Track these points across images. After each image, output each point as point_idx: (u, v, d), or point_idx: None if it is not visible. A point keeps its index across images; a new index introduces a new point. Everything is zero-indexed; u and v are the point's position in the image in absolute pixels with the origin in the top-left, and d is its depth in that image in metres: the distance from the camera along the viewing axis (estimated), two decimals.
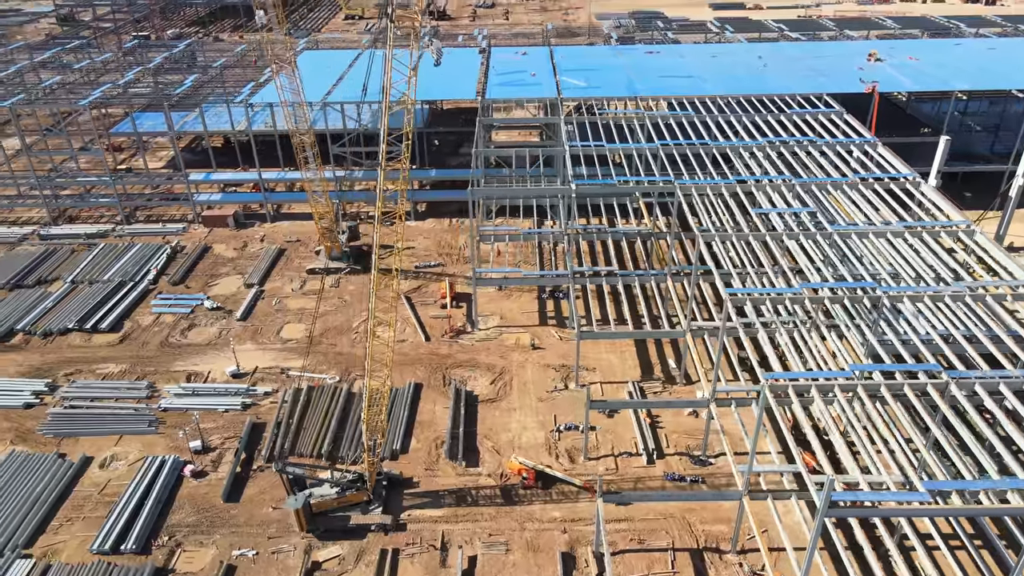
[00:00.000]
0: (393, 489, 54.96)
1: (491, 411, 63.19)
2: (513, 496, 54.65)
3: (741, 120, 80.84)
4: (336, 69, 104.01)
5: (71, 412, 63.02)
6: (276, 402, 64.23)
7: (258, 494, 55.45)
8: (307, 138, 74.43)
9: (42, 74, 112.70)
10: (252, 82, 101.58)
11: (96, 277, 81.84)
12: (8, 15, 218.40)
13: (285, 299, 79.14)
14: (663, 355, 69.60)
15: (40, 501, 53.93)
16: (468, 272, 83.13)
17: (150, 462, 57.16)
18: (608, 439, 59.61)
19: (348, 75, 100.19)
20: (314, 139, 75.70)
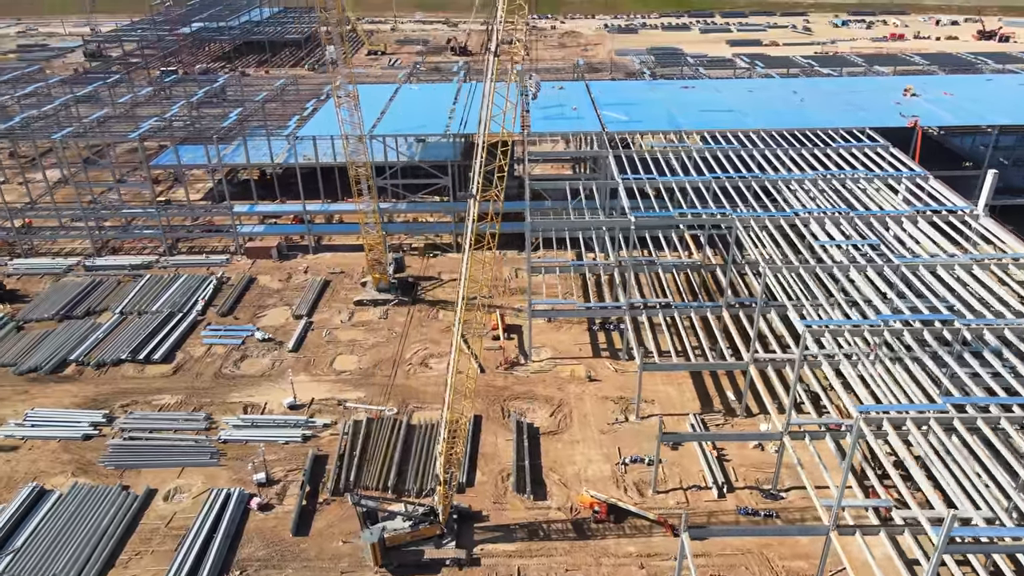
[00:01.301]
0: (464, 523, 54.33)
1: (554, 443, 62.74)
2: (586, 530, 53.99)
3: (787, 153, 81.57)
4: (375, 102, 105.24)
5: (131, 444, 62.65)
6: (336, 434, 63.87)
7: (327, 527, 54.83)
8: (363, 170, 74.99)
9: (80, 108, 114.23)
10: (296, 116, 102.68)
11: (145, 308, 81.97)
12: (34, 50, 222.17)
13: (335, 330, 79.11)
14: (720, 387, 69.30)
15: (108, 535, 53.33)
16: (516, 303, 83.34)
17: (215, 495, 56.64)
18: (675, 472, 59.08)
19: (390, 108, 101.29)
20: (370, 171, 76.21)
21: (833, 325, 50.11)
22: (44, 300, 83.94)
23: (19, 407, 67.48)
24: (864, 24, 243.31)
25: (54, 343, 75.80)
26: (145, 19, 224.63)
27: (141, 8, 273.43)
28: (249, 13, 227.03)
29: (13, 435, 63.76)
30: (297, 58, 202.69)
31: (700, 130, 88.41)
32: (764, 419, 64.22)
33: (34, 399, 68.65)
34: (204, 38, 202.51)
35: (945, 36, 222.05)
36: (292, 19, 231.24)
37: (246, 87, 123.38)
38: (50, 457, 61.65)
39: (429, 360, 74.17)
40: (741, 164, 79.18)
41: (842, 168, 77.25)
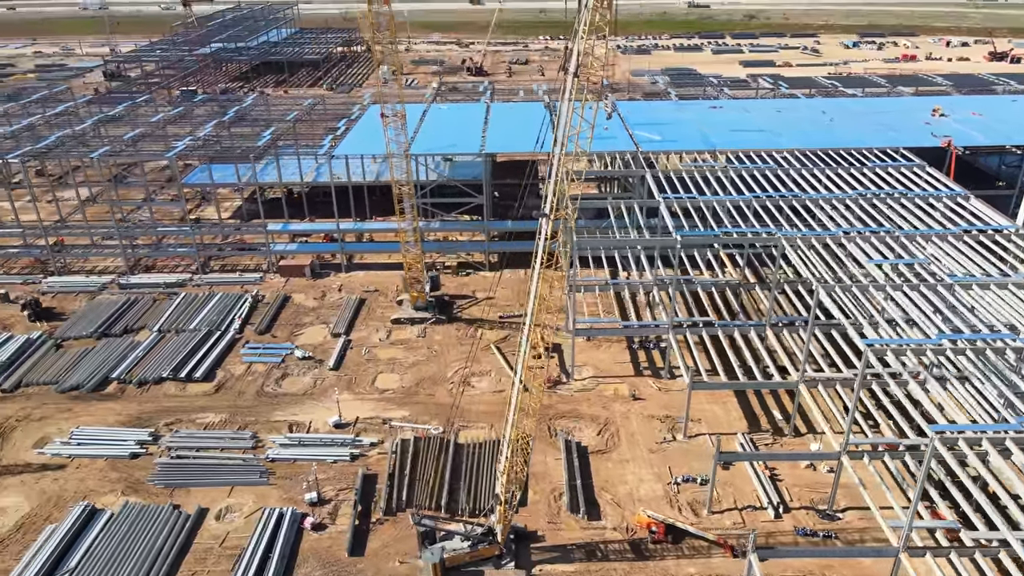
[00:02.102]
0: (520, 543, 53.93)
1: (603, 463, 62.42)
2: (644, 551, 53.55)
3: (823, 172, 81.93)
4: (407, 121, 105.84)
5: (178, 462, 62.38)
6: (384, 453, 63.57)
7: (382, 547, 54.40)
8: (406, 188, 75.28)
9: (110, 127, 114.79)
10: (329, 135, 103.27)
11: (182, 326, 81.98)
12: (52, 70, 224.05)
13: (374, 349, 79.01)
14: (765, 406, 69.07)
15: (163, 554, 52.94)
16: (557, 322, 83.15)
17: (267, 514, 56.28)
18: (728, 492, 58.70)
19: (421, 127, 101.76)
20: (412, 189, 76.46)
21: (895, 344, 49.99)
22: (81, 318, 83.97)
23: (63, 425, 67.29)
24: (875, 45, 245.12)
25: (94, 361, 75.72)
26: (164, 39, 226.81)
27: (155, 30, 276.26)
28: (267, 34, 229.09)
29: (60, 453, 63.52)
30: (314, 78, 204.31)
31: (735, 150, 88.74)
32: (814, 438, 63.91)
33: (78, 417, 68.45)
34: (223, 58, 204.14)
35: (956, 57, 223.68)
36: (309, 40, 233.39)
37: (272, 107, 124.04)
38: (98, 476, 61.35)
39: (471, 379, 74.04)
40: (779, 183, 79.51)
41: (881, 188, 77.49)
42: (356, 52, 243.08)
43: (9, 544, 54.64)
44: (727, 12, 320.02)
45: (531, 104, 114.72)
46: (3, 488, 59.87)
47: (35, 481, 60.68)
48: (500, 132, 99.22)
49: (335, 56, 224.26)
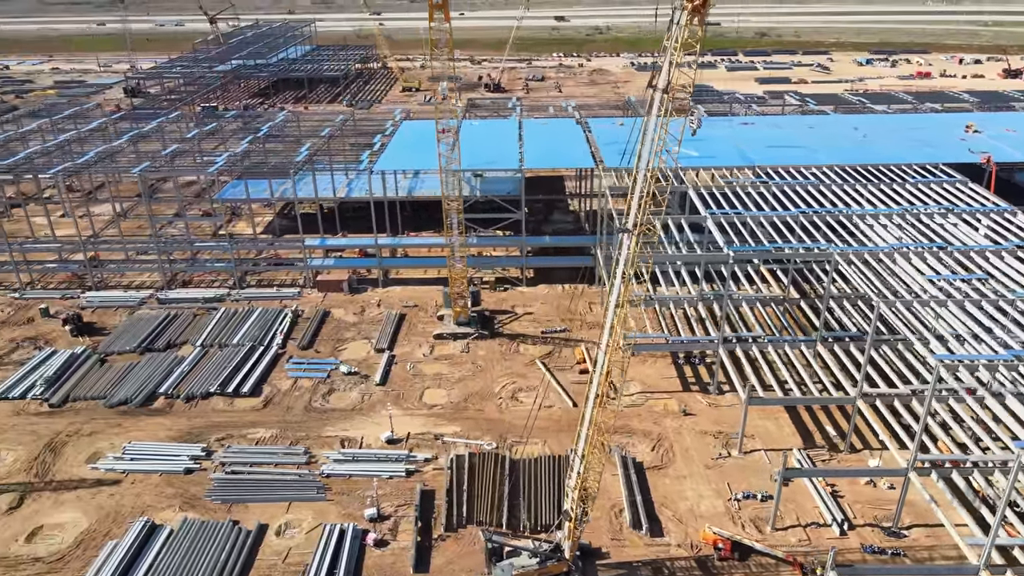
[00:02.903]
0: (585, 559, 53.54)
1: (660, 478, 62.09)
2: (711, 568, 53.12)
3: (867, 188, 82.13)
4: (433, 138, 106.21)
5: (234, 478, 62.08)
6: (439, 468, 63.25)
7: (446, 564, 54.00)
8: (456, 204, 75.43)
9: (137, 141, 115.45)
10: (367, 150, 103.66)
11: (225, 341, 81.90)
12: (72, 87, 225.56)
13: (418, 364, 78.84)
14: (818, 421, 68.77)
15: (227, 571, 52.56)
16: (597, 337, 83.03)
17: (329, 530, 55.92)
18: (790, 508, 58.27)
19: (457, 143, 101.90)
20: (461, 205, 76.55)
21: (968, 360, 49.84)
22: (123, 333, 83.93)
23: (115, 440, 67.05)
24: (888, 63, 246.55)
25: (140, 376, 75.59)
26: (183, 56, 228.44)
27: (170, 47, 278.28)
28: (286, 51, 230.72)
29: (114, 468, 63.25)
30: (333, 94, 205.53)
31: (774, 165, 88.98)
32: (871, 455, 63.60)
33: (128, 432, 68.24)
34: (242, 75, 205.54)
35: (971, 75, 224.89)
36: (326, 57, 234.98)
37: (303, 123, 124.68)
38: (154, 491, 61.04)
39: (518, 394, 73.80)
40: (822, 199, 79.65)
41: (926, 203, 77.62)
42: (372, 69, 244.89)
43: (70, 560, 54.29)
44: (737, 30, 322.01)
45: (563, 120, 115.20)
46: (60, 504, 59.57)
47: (91, 497, 60.38)
48: (536, 148, 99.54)
49: (352, 73, 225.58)
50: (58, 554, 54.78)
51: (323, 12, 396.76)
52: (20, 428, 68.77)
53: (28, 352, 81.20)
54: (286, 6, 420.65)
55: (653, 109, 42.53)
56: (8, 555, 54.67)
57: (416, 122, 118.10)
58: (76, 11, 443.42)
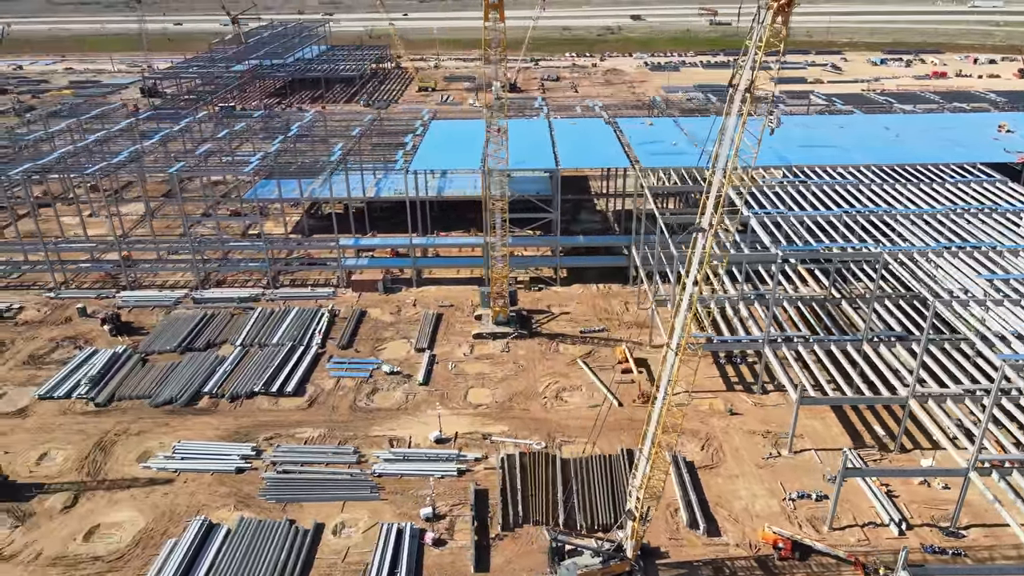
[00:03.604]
0: (646, 559, 53.51)
1: (713, 478, 62.07)
2: (772, 568, 53.09)
3: (906, 187, 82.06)
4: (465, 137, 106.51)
5: (287, 477, 62.12)
6: (491, 468, 63.23)
7: (506, 564, 54.00)
8: (501, 203, 75.40)
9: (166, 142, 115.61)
10: (401, 150, 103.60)
11: (264, 341, 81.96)
12: (87, 87, 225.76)
13: (460, 363, 78.84)
14: (865, 421, 68.73)
15: (288, 570, 52.60)
16: (636, 337, 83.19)
17: (386, 529, 55.93)
18: (845, 508, 58.18)
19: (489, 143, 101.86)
20: (507, 205, 76.43)
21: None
22: (162, 332, 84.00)
23: (163, 439, 67.10)
24: (903, 63, 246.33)
25: (183, 375, 75.63)
26: (199, 56, 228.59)
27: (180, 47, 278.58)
28: (302, 51, 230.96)
29: (166, 468, 63.30)
30: (349, 94, 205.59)
31: (811, 165, 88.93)
32: (922, 454, 63.57)
33: (176, 431, 68.28)
34: (259, 75, 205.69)
35: (986, 75, 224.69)
36: (341, 57, 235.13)
37: (330, 122, 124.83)
38: (207, 490, 61.09)
39: (562, 393, 73.80)
40: (863, 198, 79.58)
41: (968, 203, 77.54)
42: (387, 69, 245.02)
43: (130, 560, 54.34)
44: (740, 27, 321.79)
45: (592, 120, 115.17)
46: (115, 503, 59.63)
47: (145, 495, 60.43)
48: (569, 148, 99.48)
49: (366, 73, 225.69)
50: (117, 553, 54.84)
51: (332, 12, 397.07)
52: (68, 427, 68.86)
53: (68, 352, 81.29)
54: (295, 6, 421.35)
55: (733, 109, 42.45)
56: (67, 554, 54.75)
57: (445, 122, 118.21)
58: (85, 11, 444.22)
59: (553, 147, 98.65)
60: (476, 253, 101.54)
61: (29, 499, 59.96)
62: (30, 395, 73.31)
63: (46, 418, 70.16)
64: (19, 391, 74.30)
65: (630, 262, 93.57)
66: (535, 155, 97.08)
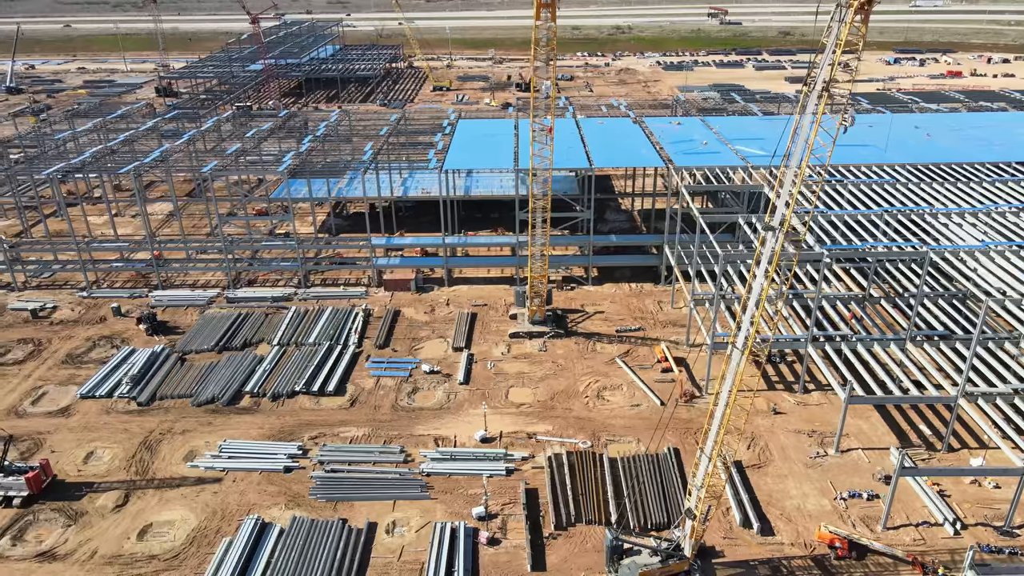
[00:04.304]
0: (702, 558, 53.42)
1: (762, 477, 61.99)
2: (829, 568, 53.00)
3: (944, 186, 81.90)
4: (494, 136, 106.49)
5: (336, 476, 62.10)
6: (538, 467, 63.15)
7: (562, 562, 53.96)
8: (542, 203, 75.32)
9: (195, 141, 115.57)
10: (432, 149, 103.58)
11: (301, 340, 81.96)
12: (102, 86, 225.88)
13: (498, 363, 78.80)
14: (910, 420, 68.63)
15: (345, 568, 52.59)
16: (672, 336, 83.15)
17: (441, 529, 55.91)
18: (897, 507, 58.06)
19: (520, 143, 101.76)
20: (548, 204, 76.24)
21: None
22: (198, 332, 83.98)
23: (209, 438, 67.10)
24: (916, 62, 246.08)
25: (223, 375, 75.62)
26: (213, 55, 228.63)
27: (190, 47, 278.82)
28: (317, 51, 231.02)
29: (213, 466, 63.30)
30: (364, 94, 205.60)
31: (847, 164, 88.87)
32: (971, 453, 63.47)
33: (220, 430, 68.28)
34: (275, 74, 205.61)
35: (1001, 74, 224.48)
36: (355, 56, 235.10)
37: (355, 122, 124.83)
38: (256, 489, 61.08)
39: (603, 392, 73.76)
40: (903, 197, 79.47)
41: (1009, 202, 77.38)
42: (399, 68, 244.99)
43: (186, 558, 54.35)
44: (760, 29, 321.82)
45: (620, 120, 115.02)
46: (165, 501, 59.65)
47: (195, 494, 60.43)
48: (600, 148, 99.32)
49: (380, 72, 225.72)
50: (172, 552, 54.85)
51: (339, 11, 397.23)
52: (112, 426, 68.88)
53: (106, 351, 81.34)
54: (303, 6, 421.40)
55: (808, 108, 42.39)
56: (123, 553, 54.75)
57: (472, 121, 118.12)
58: (92, 10, 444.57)
59: (584, 147, 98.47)
60: (504, 252, 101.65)
61: (79, 498, 60.05)
62: (72, 394, 73.38)
63: (90, 417, 70.21)
64: (60, 390, 74.37)
65: (662, 261, 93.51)
66: (567, 155, 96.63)
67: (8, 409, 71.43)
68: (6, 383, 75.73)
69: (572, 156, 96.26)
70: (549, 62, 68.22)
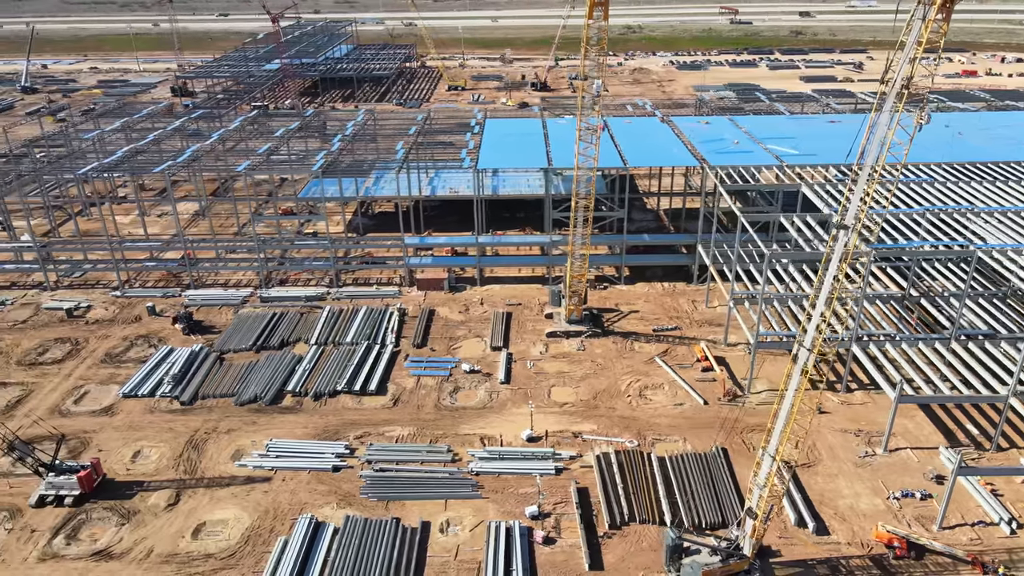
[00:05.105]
0: (761, 558, 53.30)
1: (812, 476, 61.86)
2: (889, 568, 52.86)
3: (983, 185, 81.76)
4: (523, 135, 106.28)
5: (385, 475, 62.03)
6: (587, 466, 63.09)
7: (620, 561, 53.88)
8: (585, 202, 75.22)
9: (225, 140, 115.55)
10: (464, 148, 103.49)
11: (339, 340, 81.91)
12: (116, 86, 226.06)
13: (537, 362, 78.71)
14: (956, 419, 68.49)
15: (403, 568, 52.55)
16: (708, 335, 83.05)
17: (495, 528, 55.82)
18: (951, 507, 57.81)
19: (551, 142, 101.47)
20: (592, 204, 76.09)
21: None
22: (235, 331, 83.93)
23: (254, 437, 67.06)
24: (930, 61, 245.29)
25: (264, 374, 75.56)
26: (227, 55, 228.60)
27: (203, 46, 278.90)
28: (332, 50, 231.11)
29: (261, 466, 63.27)
30: (379, 93, 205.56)
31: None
32: (1020, 452, 63.31)
33: (265, 430, 68.23)
34: (292, 74, 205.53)
35: (1016, 73, 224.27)
36: (370, 56, 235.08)
37: (380, 121, 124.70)
38: (306, 488, 61.03)
39: (645, 391, 73.66)
40: (943, 196, 79.33)
41: None
42: (412, 68, 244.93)
43: (242, 557, 54.31)
44: (771, 28, 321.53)
45: (648, 119, 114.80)
46: (217, 500, 59.60)
47: (246, 493, 60.39)
48: (632, 147, 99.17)
49: (394, 72, 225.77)
50: (229, 551, 54.81)
51: (346, 11, 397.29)
52: (157, 426, 68.85)
53: (143, 350, 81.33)
54: (311, 5, 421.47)
55: (887, 106, 42.29)
56: (179, 552, 54.71)
57: (500, 120, 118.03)
58: (100, 10, 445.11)
59: (616, 146, 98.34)
60: (533, 252, 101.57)
61: (130, 497, 60.02)
62: (114, 393, 73.36)
63: (134, 416, 70.19)
64: (102, 389, 74.35)
65: (695, 260, 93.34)
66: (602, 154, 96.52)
67: (52, 408, 71.45)
68: (47, 382, 75.77)
69: (606, 155, 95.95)
70: (599, 60, 67.69)
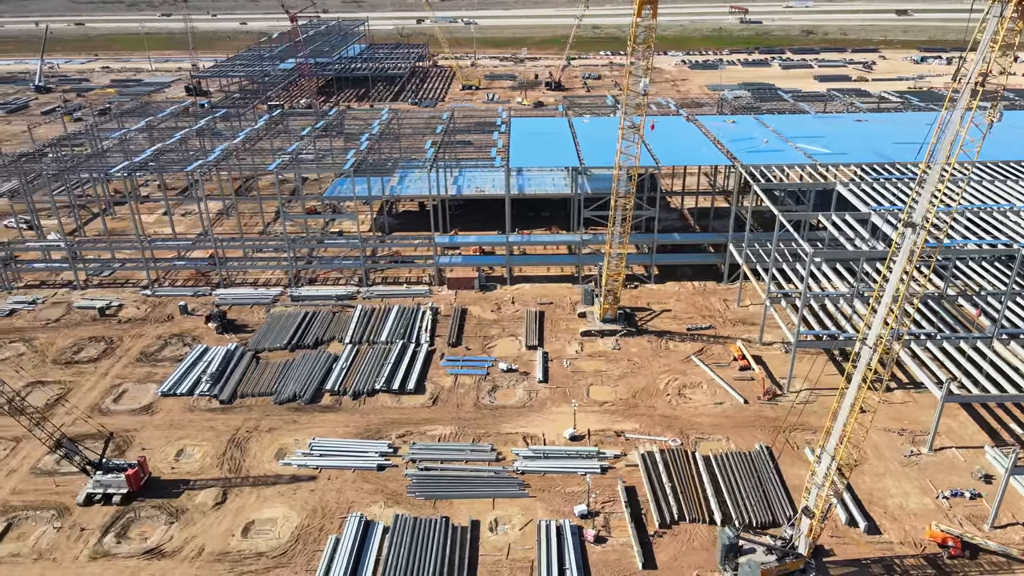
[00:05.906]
0: (815, 557, 53.13)
1: (859, 476, 61.63)
2: (943, 567, 52.68)
3: (1019, 183, 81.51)
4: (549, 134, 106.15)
5: (430, 474, 61.91)
6: (631, 465, 62.95)
7: (672, 560, 53.74)
8: (626, 201, 75.08)
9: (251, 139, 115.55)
10: (493, 147, 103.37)
11: (374, 339, 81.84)
12: (130, 85, 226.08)
13: (574, 361, 78.57)
14: (998, 418, 68.29)
15: (456, 566, 52.45)
16: (743, 334, 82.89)
17: (545, 527, 55.69)
18: (1002, 506, 57.77)
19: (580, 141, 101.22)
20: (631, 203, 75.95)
21: None
22: (269, 330, 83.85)
23: (296, 436, 66.96)
24: (943, 60, 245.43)
25: (302, 373, 75.47)
26: (240, 54, 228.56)
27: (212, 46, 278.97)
28: (346, 50, 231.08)
29: (306, 464, 63.18)
30: (393, 92, 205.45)
31: (909, 162, 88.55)
32: None
33: (305, 428, 68.15)
34: (308, 73, 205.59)
35: None
36: (383, 55, 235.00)
37: (403, 120, 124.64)
38: (352, 487, 60.92)
39: (684, 390, 73.52)
40: (973, 194, 79.09)
41: None
42: (424, 68, 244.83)
43: (294, 555, 54.20)
44: (782, 28, 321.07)
45: (674, 119, 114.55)
46: (264, 499, 59.50)
47: (292, 492, 60.29)
48: (661, 147, 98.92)
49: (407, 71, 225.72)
50: (280, 549, 54.72)
51: (353, 11, 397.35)
52: (198, 424, 68.79)
53: (178, 349, 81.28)
54: (319, 5, 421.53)
55: (960, 103, 42.16)
56: (230, 550, 54.62)
57: (525, 119, 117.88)
58: (107, 9, 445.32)
59: (646, 145, 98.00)
60: (561, 251, 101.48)
61: (177, 495, 59.96)
62: (152, 392, 73.31)
63: (174, 415, 70.13)
64: (139, 388, 74.31)
65: (725, 259, 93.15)
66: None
67: (91, 406, 71.39)
68: (84, 380, 75.75)
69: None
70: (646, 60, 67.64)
